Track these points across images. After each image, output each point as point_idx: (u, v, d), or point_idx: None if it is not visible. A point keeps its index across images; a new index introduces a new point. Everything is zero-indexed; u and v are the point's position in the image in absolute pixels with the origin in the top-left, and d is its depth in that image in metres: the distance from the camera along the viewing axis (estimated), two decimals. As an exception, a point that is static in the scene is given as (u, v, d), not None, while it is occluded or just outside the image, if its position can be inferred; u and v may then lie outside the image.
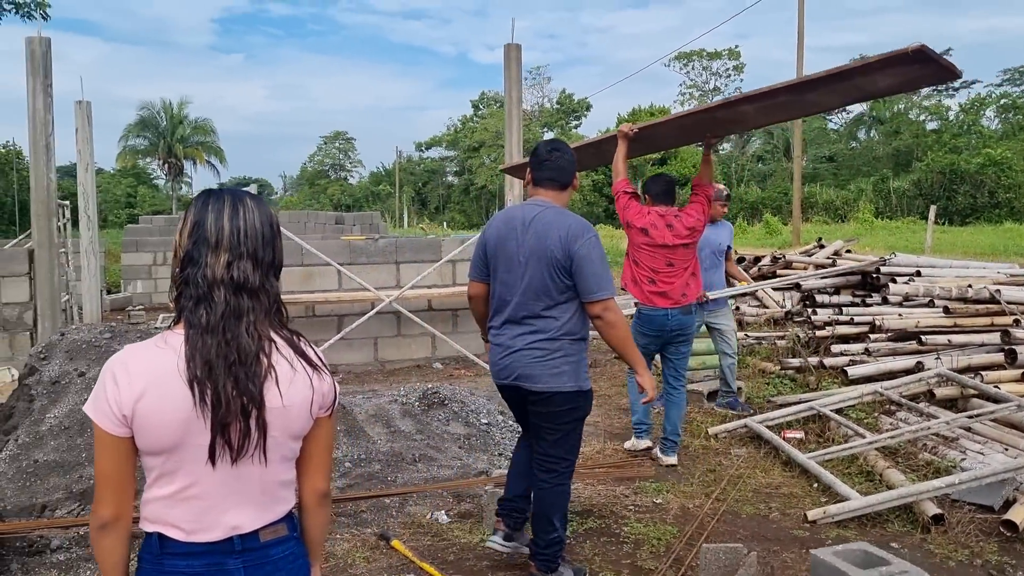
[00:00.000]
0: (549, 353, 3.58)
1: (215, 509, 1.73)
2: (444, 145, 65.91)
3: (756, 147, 69.66)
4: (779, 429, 6.18)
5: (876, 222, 36.03)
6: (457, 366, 8.84)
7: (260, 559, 1.77)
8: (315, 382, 1.78)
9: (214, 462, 1.68)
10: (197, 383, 1.65)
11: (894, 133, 55.76)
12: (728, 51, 71.16)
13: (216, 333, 1.68)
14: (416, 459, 5.38)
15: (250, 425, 1.69)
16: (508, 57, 9.21)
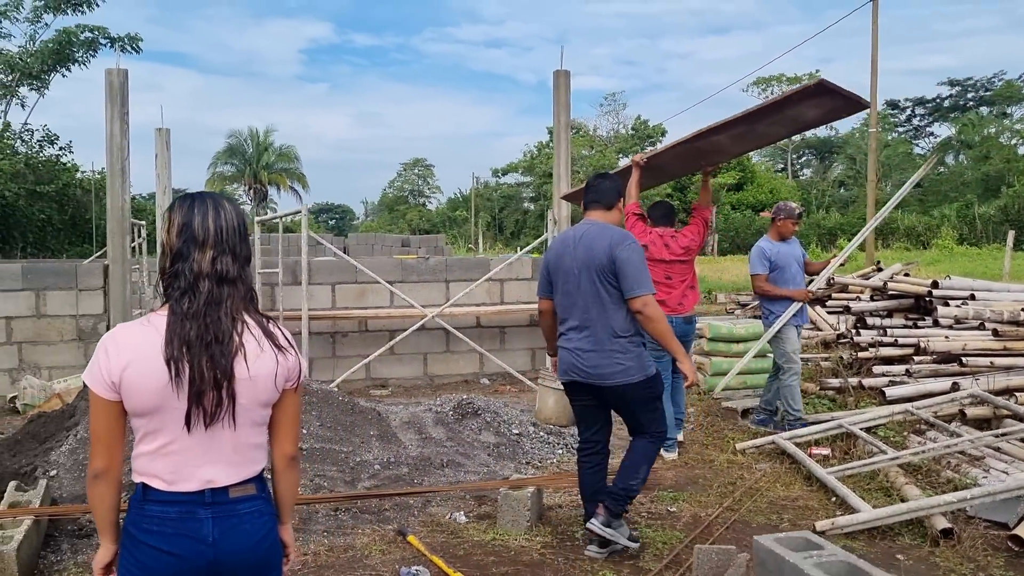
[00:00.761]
0: (613, 352, 4.12)
1: (191, 464, 2.01)
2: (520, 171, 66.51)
3: (838, 172, 68.45)
4: (806, 446, 6.24)
5: (957, 248, 34.98)
6: (503, 382, 9.08)
7: (227, 512, 2.03)
8: (280, 358, 2.06)
9: (189, 428, 1.98)
10: (173, 362, 1.94)
11: (984, 158, 54.10)
12: (809, 75, 70.28)
13: (198, 318, 1.96)
14: (444, 464, 5.64)
15: (222, 395, 1.97)
16: (557, 84, 9.50)
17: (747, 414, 7.26)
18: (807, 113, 5.72)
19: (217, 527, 2.01)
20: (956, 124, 62.45)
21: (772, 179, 61.61)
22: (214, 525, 2.01)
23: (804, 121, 5.95)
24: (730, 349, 8.28)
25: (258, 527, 2.09)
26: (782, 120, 5.77)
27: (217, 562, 2.01)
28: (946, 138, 64.32)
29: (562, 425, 7.01)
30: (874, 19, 25.61)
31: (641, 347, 4.23)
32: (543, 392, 7.09)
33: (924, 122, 71.22)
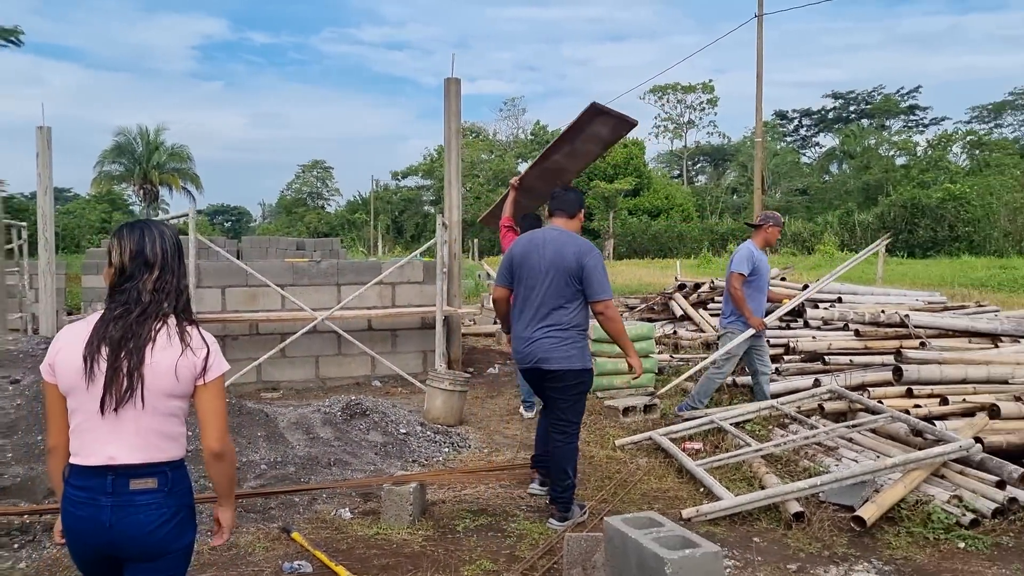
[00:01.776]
0: (562, 341, 4.77)
1: (98, 441, 2.36)
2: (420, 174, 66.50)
3: (731, 179, 70.79)
4: (681, 441, 6.59)
5: (839, 254, 36.71)
6: (394, 384, 9.20)
7: (125, 503, 2.35)
8: (186, 353, 2.40)
9: (103, 411, 2.35)
10: (87, 358, 2.35)
11: (865, 168, 56.87)
12: (703, 85, 72.51)
13: (127, 319, 2.38)
14: (331, 463, 5.74)
15: (132, 380, 2.34)
16: (448, 91, 9.70)
17: (628, 412, 7.58)
18: (600, 131, 7.45)
19: (115, 514, 2.34)
20: (840, 135, 65.51)
21: (668, 185, 63.28)
22: (112, 512, 2.34)
23: (603, 138, 7.65)
24: (613, 350, 8.60)
25: (153, 518, 2.38)
26: (589, 139, 7.46)
27: (112, 544, 2.36)
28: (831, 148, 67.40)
29: (449, 425, 7.19)
30: (759, 36, 26.71)
31: (586, 342, 4.93)
32: (431, 393, 7.25)
33: (811, 132, 74.48)
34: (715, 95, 73.23)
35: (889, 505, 4.90)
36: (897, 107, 67.28)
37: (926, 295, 11.45)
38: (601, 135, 7.61)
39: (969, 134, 59.98)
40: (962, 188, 39.57)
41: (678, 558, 2.84)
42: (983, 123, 65.90)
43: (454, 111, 9.64)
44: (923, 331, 8.85)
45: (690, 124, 76.12)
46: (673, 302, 12.36)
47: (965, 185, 40.87)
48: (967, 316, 9.49)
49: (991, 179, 43.40)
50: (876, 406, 6.27)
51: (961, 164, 54.91)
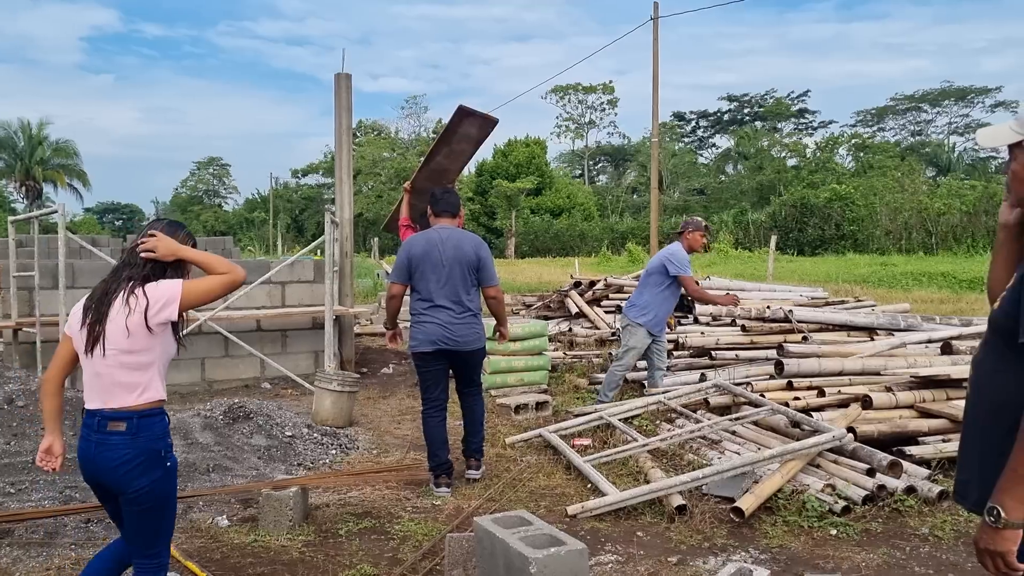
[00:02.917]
0: (473, 325, 5.50)
1: (92, 390, 2.97)
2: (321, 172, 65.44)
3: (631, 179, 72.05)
4: (570, 438, 6.62)
5: (733, 252, 37.79)
6: (285, 386, 8.98)
7: (104, 440, 2.91)
8: (134, 312, 2.93)
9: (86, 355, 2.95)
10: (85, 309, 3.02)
11: (758, 168, 58.70)
12: (603, 86, 73.56)
13: (106, 283, 3.03)
14: (210, 470, 5.54)
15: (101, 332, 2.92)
16: (338, 87, 9.53)
17: (520, 410, 7.58)
18: (470, 131, 8.31)
19: (95, 448, 2.93)
20: (735, 137, 67.49)
21: (570, 184, 63.93)
22: (95, 446, 2.93)
23: (473, 137, 8.44)
24: (507, 347, 8.59)
25: (119, 455, 2.90)
26: (462, 139, 8.28)
27: (96, 472, 2.96)
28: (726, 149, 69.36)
29: (339, 426, 7.05)
30: (655, 38, 27.25)
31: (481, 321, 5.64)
32: (320, 394, 7.10)
33: (707, 133, 76.51)
34: (615, 96, 74.45)
35: (767, 495, 5.01)
36: (788, 110, 69.73)
37: (809, 291, 11.87)
38: (471, 134, 8.45)
39: (854, 137, 62.68)
40: (847, 189, 41.31)
41: (543, 557, 2.82)
42: (867, 127, 69.00)
43: (345, 106, 9.47)
44: (805, 326, 9.15)
45: (591, 124, 77.18)
46: (569, 300, 12.45)
47: (850, 186, 42.67)
48: (846, 311, 9.86)
49: (874, 180, 45.39)
50: (758, 399, 6.43)
51: (847, 166, 57.22)
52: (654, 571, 4.24)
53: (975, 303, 16.34)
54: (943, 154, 65.96)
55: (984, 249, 33.83)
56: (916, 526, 4.83)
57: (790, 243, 39.68)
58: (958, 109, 67.71)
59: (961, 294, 18.62)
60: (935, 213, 37.71)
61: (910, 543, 4.61)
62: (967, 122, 67.65)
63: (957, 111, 67.97)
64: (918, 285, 20.69)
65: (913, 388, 6.60)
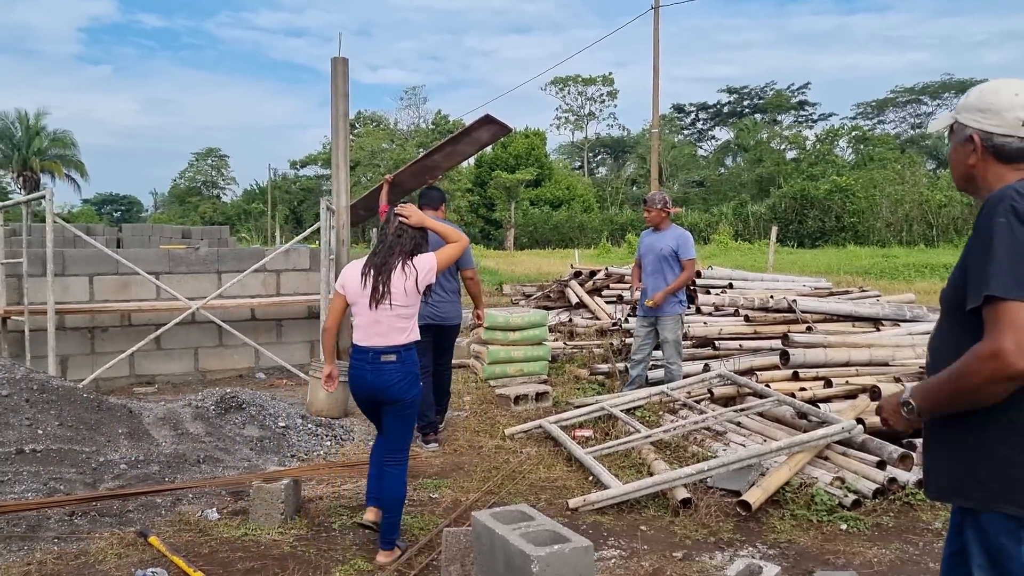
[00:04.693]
0: (453, 303, 6.27)
1: (368, 333, 4.04)
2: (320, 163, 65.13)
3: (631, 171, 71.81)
4: (571, 429, 6.46)
5: (732, 244, 37.62)
6: (280, 376, 8.81)
7: (379, 368, 4.01)
8: (408, 276, 4.02)
9: (369, 308, 4.01)
10: (363, 274, 4.05)
11: (758, 161, 58.46)
12: (602, 77, 73.24)
13: (377, 257, 4.07)
14: (201, 460, 5.38)
15: (387, 292, 3.98)
16: (335, 72, 9.31)
17: (519, 401, 7.42)
18: (483, 136, 8.89)
19: (372, 374, 4.03)
20: (734, 129, 67.23)
21: (569, 176, 63.64)
22: (372, 372, 4.04)
23: (481, 141, 9.06)
24: (506, 338, 8.44)
25: (393, 377, 4.02)
26: (469, 141, 8.84)
27: (372, 390, 4.07)
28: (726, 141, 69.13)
29: (333, 417, 6.89)
30: (655, 27, 27.03)
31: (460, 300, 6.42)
32: (315, 383, 6.93)
33: (707, 126, 76.23)
34: (615, 87, 74.11)
35: (774, 489, 4.86)
36: (788, 103, 69.47)
37: (812, 281, 11.70)
38: (482, 139, 9.06)
39: (855, 129, 62.41)
40: (848, 181, 41.07)
41: (545, 555, 2.66)
42: (867, 119, 68.74)
43: (341, 92, 9.25)
44: (809, 316, 8.99)
45: (591, 116, 76.89)
46: (569, 290, 12.28)
47: (850, 178, 42.43)
48: (851, 301, 9.70)
49: (874, 172, 45.18)
50: (763, 390, 6.27)
51: (847, 158, 56.97)
52: (659, 567, 4.08)
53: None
54: (943, 147, 65.83)
55: (985, 241, 33.61)
56: (928, 520, 4.69)
57: (790, 235, 39.47)
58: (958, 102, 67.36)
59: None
60: (936, 205, 37.54)
61: (923, 538, 4.46)
62: (967, 115, 67.38)
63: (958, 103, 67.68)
64: (920, 277, 20.52)
65: (921, 378, 6.45)
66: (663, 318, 7.16)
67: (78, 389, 5.62)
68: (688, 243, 7.16)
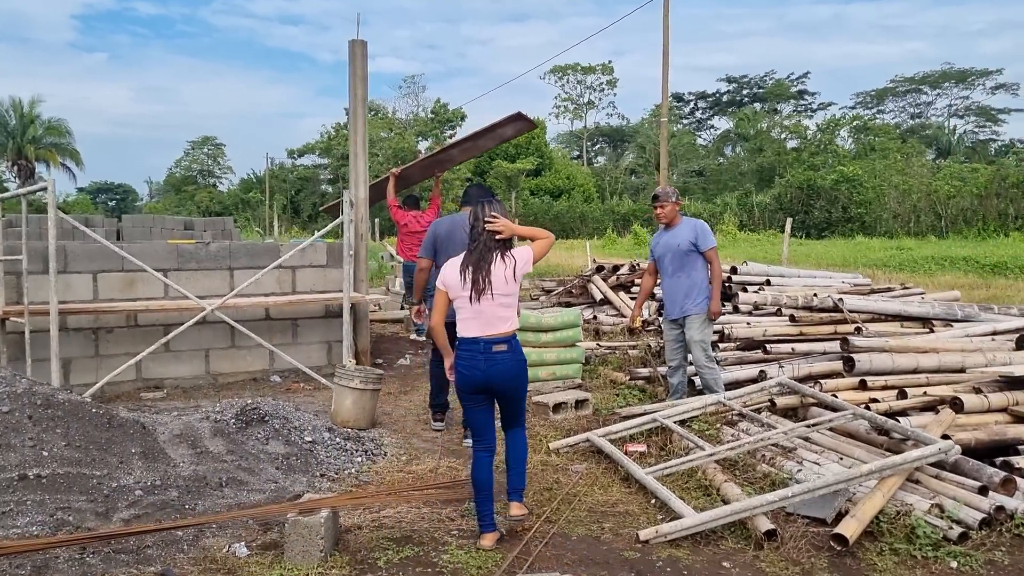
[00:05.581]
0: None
1: (473, 324, 4.22)
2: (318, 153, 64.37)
3: (630, 160, 71.22)
4: (621, 442, 5.94)
5: (739, 234, 37.15)
6: (296, 379, 8.26)
7: (490, 358, 4.20)
8: (507, 267, 4.22)
9: (471, 302, 4.19)
10: (461, 271, 4.25)
11: (758, 150, 57.89)
12: (602, 66, 72.55)
13: (474, 254, 4.27)
14: (223, 483, 4.85)
15: (488, 283, 4.19)
16: (353, 54, 8.78)
17: (558, 409, 6.89)
18: (507, 131, 9.23)
19: (485, 363, 4.22)
20: (734, 118, 66.64)
21: (568, 165, 63.01)
22: (484, 362, 4.22)
23: (504, 136, 9.50)
24: (538, 339, 7.90)
25: (508, 365, 4.25)
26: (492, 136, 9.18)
27: (487, 379, 4.22)
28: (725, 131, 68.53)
29: (361, 428, 6.36)
30: (665, 14, 26.42)
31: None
32: (340, 392, 6.40)
33: (706, 115, 75.60)
34: (614, 76, 73.43)
35: (869, 518, 4.35)
36: (787, 92, 68.89)
37: (850, 277, 11.18)
38: (506, 135, 9.34)
39: (855, 119, 61.87)
40: (855, 170, 40.53)
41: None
42: (867, 108, 68.23)
43: (360, 76, 8.72)
44: (857, 315, 8.48)
45: (590, 105, 76.23)
46: (592, 285, 11.75)
47: (857, 167, 41.91)
48: (898, 300, 9.18)
49: (876, 163, 44.65)
50: (835, 401, 5.75)
51: (848, 148, 56.44)
52: (760, 617, 3.57)
53: (1008, 289, 15.70)
54: (943, 136, 65.39)
55: (996, 233, 33.22)
56: (1048, 556, 4.18)
57: (796, 225, 38.93)
58: (958, 91, 67.15)
59: (988, 279, 17.95)
60: (944, 196, 37.04)
61: (1048, 579, 3.95)
62: (967, 104, 67.10)
63: (957, 93, 67.34)
64: (940, 270, 20.02)
65: (1002, 389, 5.95)
66: (689, 317, 6.66)
67: (86, 403, 5.06)
68: (706, 231, 6.70)
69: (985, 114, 66.94)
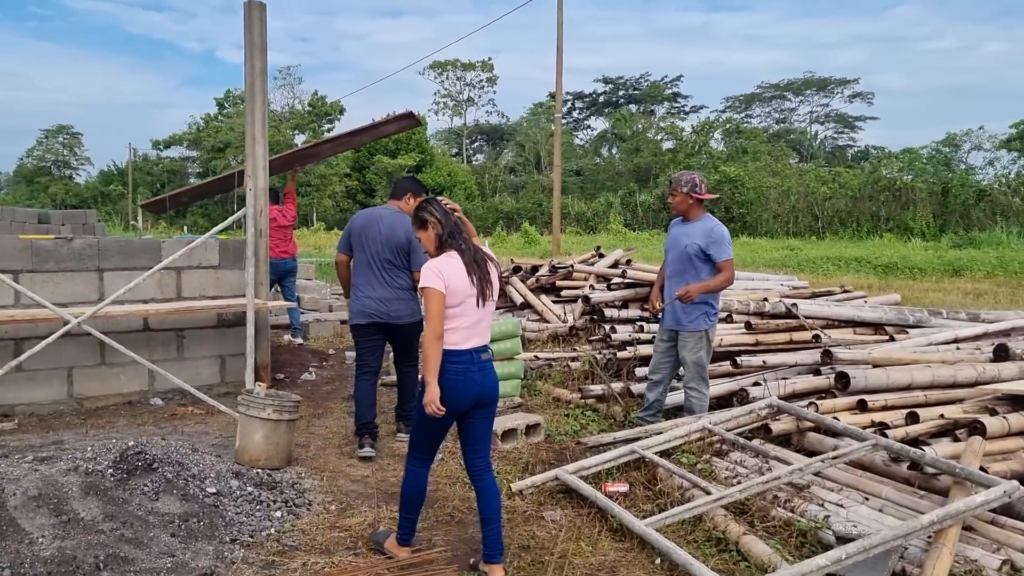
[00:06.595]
0: (404, 300, 5.72)
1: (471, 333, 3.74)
2: (185, 144, 60.97)
3: (509, 159, 70.76)
4: (596, 479, 4.97)
5: (629, 233, 37.05)
6: (183, 402, 6.91)
7: (484, 367, 3.79)
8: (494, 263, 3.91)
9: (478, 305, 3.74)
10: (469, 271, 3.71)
11: (635, 151, 58.45)
12: (482, 63, 71.76)
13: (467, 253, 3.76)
14: (101, 564, 3.58)
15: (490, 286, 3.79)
16: (250, 18, 7.45)
17: (507, 437, 5.85)
18: (390, 128, 9.24)
19: (480, 375, 3.77)
20: (610, 119, 67.19)
21: (449, 162, 61.92)
22: (479, 374, 3.76)
23: (385, 133, 9.74)
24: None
25: (495, 376, 3.88)
26: (373, 134, 9.20)
27: (481, 393, 3.78)
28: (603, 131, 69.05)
29: (274, 467, 5.15)
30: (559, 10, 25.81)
31: (418, 299, 5.68)
32: (247, 424, 5.15)
33: (583, 115, 76.01)
34: (494, 74, 72.81)
35: (942, 584, 3.52)
36: (662, 94, 70.17)
37: (786, 279, 10.63)
38: (387, 131, 9.39)
39: (728, 122, 63.51)
40: (736, 172, 41.16)
41: None
42: (737, 112, 70.20)
43: (258, 45, 7.40)
44: (812, 322, 7.84)
45: (469, 102, 75.37)
46: (510, 288, 10.73)
47: (738, 168, 42.60)
48: (851, 305, 8.61)
49: (749, 164, 45.59)
50: (848, 428, 4.95)
51: (721, 150, 57.69)
52: None
53: (911, 290, 15.67)
54: (806, 141, 68.10)
55: (870, 234, 34.26)
56: None
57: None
58: (819, 99, 69.98)
59: (888, 280, 18.02)
60: (821, 198, 38.01)
61: None
62: (827, 111, 69.99)
63: (818, 101, 70.23)
64: (837, 270, 20.06)
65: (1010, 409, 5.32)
66: (684, 333, 5.76)
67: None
68: (722, 241, 5.70)
69: (843, 121, 70.21)
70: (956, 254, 22.91)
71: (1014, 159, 50.39)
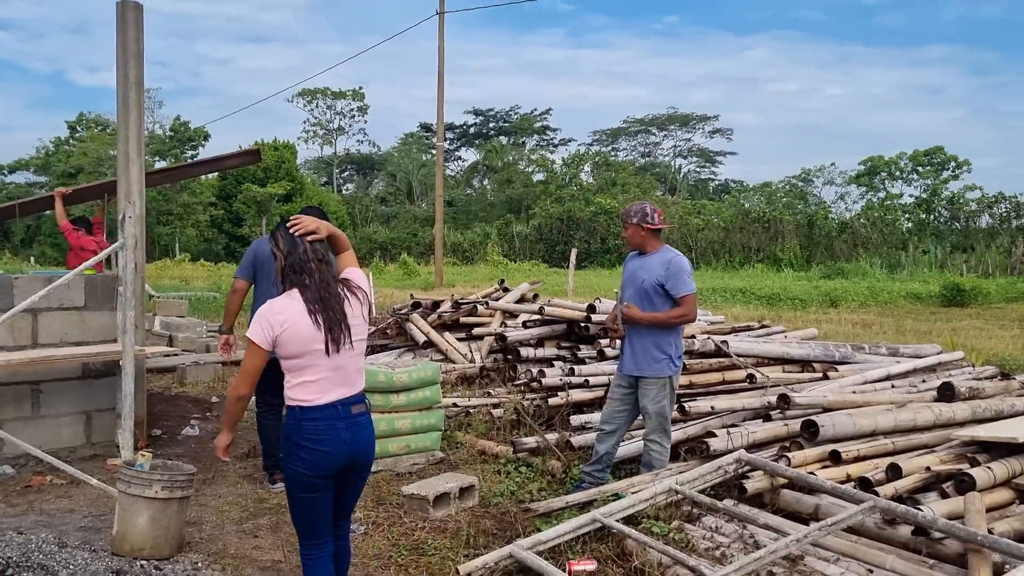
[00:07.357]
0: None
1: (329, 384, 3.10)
2: (32, 170, 56.90)
3: (380, 189, 69.68)
4: (557, 556, 4.26)
5: (510, 263, 36.71)
6: (40, 469, 5.76)
7: (355, 423, 3.14)
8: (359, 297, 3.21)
9: (328, 355, 3.06)
10: (311, 313, 3.05)
11: (507, 182, 58.61)
12: (352, 92, 70.58)
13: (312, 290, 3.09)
14: None
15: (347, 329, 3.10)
16: (123, 19, 6.49)
17: (439, 502, 5.06)
18: (230, 163, 9.57)
19: (350, 432, 3.12)
20: (481, 150, 67.31)
21: (320, 192, 60.26)
22: (348, 430, 3.11)
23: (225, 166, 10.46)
24: (388, 403, 6.04)
25: (370, 432, 3.24)
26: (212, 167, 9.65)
27: (353, 452, 3.13)
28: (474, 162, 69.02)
29: (162, 558, 4.19)
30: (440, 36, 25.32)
31: None
32: (129, 505, 4.17)
33: (454, 146, 75.85)
34: (365, 103, 71.74)
35: None
36: (532, 127, 70.98)
37: (701, 313, 10.25)
38: (227, 165, 9.69)
39: (597, 155, 64.77)
40: (612, 203, 41.64)
41: None
42: (604, 146, 71.76)
43: (133, 51, 6.43)
44: (744, 360, 7.45)
45: (340, 131, 73.94)
46: (411, 325, 9.93)
47: (609, 199, 43.16)
48: (779, 342, 8.27)
49: (618, 196, 46.38)
50: (844, 489, 4.42)
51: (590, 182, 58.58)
52: None
53: (802, 321, 15.76)
54: (670, 174, 70.28)
55: (741, 264, 35.15)
56: None
57: (557, 256, 39.28)
58: (682, 134, 72.50)
59: (776, 311, 18.17)
60: (695, 229, 38.83)
61: None
62: (690, 146, 72.53)
63: (681, 135, 72.74)
64: (725, 301, 20.17)
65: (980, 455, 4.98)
66: (645, 380, 5.14)
67: None
68: (681, 273, 5.10)
69: (705, 156, 72.98)
70: (830, 284, 23.56)
71: (862, 193, 53.27)
